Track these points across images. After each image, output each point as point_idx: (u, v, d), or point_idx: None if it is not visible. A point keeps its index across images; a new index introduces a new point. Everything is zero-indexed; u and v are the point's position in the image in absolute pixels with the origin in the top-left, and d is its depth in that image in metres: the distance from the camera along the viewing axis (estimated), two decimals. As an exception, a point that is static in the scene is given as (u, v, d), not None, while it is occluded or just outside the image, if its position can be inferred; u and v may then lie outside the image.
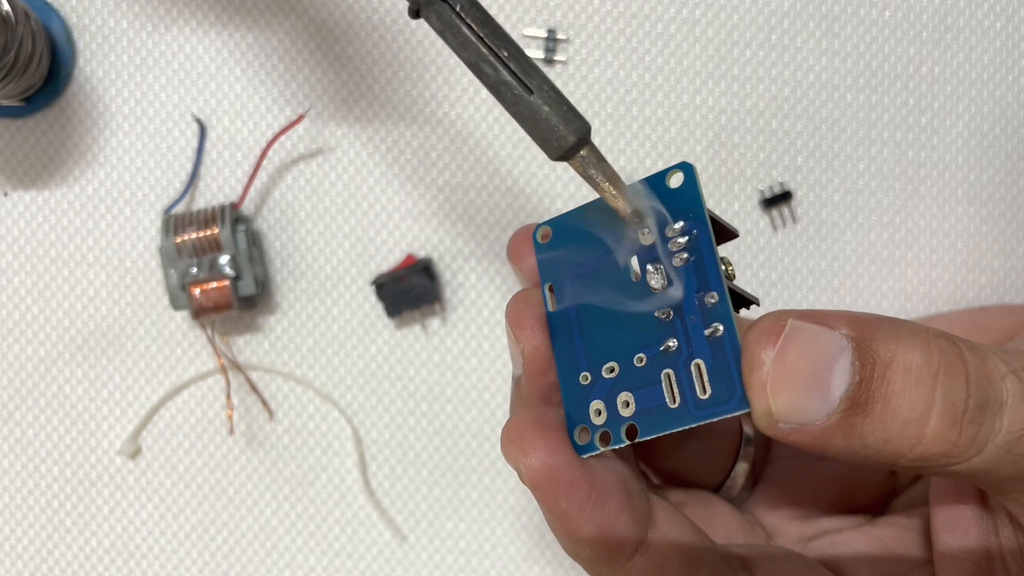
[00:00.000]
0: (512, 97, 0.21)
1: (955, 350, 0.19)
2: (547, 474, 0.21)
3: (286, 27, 0.39)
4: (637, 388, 0.22)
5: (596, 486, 0.21)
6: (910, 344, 0.19)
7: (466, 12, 0.21)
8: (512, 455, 0.22)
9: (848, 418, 0.19)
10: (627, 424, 0.22)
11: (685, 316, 0.21)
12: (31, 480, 0.40)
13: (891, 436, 0.19)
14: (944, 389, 0.19)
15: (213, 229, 0.37)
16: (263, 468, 0.40)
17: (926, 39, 0.39)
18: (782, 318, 0.19)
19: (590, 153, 0.22)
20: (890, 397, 0.19)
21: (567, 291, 0.24)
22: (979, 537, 0.23)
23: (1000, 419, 0.19)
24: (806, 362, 0.19)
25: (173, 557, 0.40)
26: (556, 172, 0.39)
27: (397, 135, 0.39)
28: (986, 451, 0.19)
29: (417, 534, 0.40)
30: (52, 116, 0.39)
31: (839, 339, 0.19)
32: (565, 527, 0.21)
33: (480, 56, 0.21)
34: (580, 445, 0.22)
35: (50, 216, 0.40)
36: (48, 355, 0.40)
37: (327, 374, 0.40)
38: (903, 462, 0.19)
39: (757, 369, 0.19)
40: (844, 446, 0.19)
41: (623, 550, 0.21)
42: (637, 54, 0.39)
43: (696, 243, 0.22)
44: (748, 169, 0.39)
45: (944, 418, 0.19)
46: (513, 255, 0.26)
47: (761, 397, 0.19)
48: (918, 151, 0.39)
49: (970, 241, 0.39)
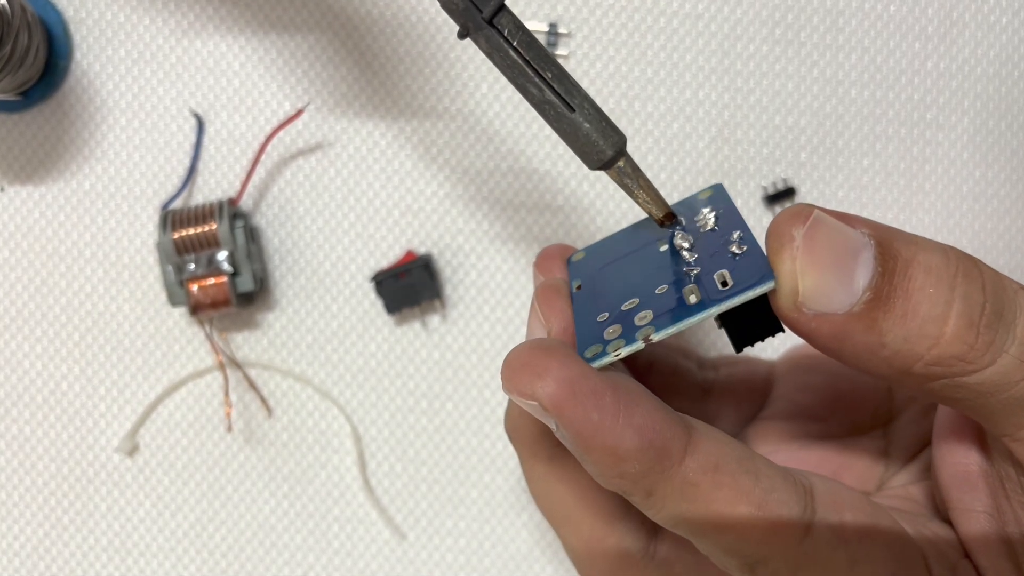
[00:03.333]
0: (555, 115, 0.22)
1: (971, 260, 0.20)
2: (568, 389, 0.19)
3: (285, 21, 0.39)
4: (657, 305, 0.21)
5: (620, 390, 0.20)
6: (929, 248, 0.20)
7: (513, 36, 0.22)
8: (524, 382, 0.20)
9: (870, 311, 0.19)
10: (643, 330, 0.21)
11: (711, 250, 0.22)
12: (28, 477, 0.40)
13: (911, 333, 0.19)
14: (963, 291, 0.19)
15: (211, 225, 0.37)
16: (261, 466, 0.40)
17: (931, 34, 0.39)
18: (808, 208, 0.20)
19: (626, 164, 0.23)
20: (911, 293, 0.19)
21: (594, 275, 0.25)
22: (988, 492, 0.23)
23: (1014, 330, 0.19)
24: (832, 249, 0.19)
25: (171, 555, 0.40)
26: (558, 168, 0.39)
27: (397, 130, 0.39)
28: (1001, 360, 0.19)
29: (417, 532, 0.40)
30: (49, 110, 0.39)
31: (861, 235, 0.20)
32: (603, 442, 0.19)
33: (526, 77, 0.22)
34: (591, 358, 0.21)
35: (47, 211, 0.40)
36: (45, 351, 0.40)
37: (326, 371, 0.40)
38: (919, 367, 0.19)
39: (788, 243, 0.19)
40: (864, 341, 0.19)
41: (672, 450, 0.20)
42: (639, 49, 0.39)
43: (720, 214, 0.23)
44: (751, 165, 0.39)
45: (962, 319, 0.19)
46: (542, 267, 0.26)
47: (790, 272, 0.19)
48: (923, 147, 0.39)
49: (975, 238, 0.39)
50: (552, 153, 0.39)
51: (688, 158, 0.39)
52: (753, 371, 0.31)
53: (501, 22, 0.22)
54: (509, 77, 0.23)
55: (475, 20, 0.22)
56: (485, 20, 0.22)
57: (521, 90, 0.23)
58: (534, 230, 0.39)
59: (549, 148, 0.39)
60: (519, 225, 0.39)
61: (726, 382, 0.30)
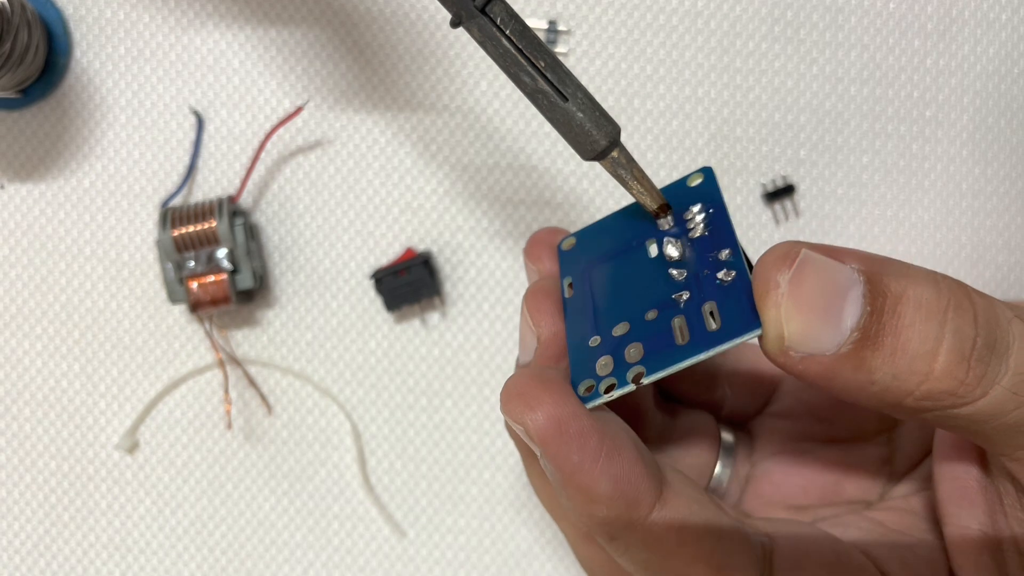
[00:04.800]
0: (548, 104, 0.22)
1: (964, 290, 0.20)
2: (556, 427, 0.20)
3: (284, 18, 0.39)
4: (647, 337, 0.22)
5: (606, 436, 0.21)
6: (920, 281, 0.19)
7: (506, 24, 0.22)
8: (516, 411, 0.21)
9: (858, 350, 0.19)
10: (634, 369, 0.21)
11: (699, 270, 0.22)
12: (28, 475, 0.40)
13: (900, 370, 0.19)
14: (953, 325, 0.19)
15: (211, 222, 0.37)
16: (261, 463, 0.40)
17: (931, 31, 0.38)
18: (796, 247, 0.20)
19: (620, 154, 0.23)
20: (900, 330, 0.19)
21: (585, 279, 0.24)
22: (986, 508, 0.23)
23: (1006, 361, 0.19)
24: (819, 290, 0.19)
25: (171, 552, 0.40)
26: (557, 166, 0.39)
27: (397, 127, 0.39)
28: (992, 392, 0.19)
29: (417, 530, 0.40)
30: (48, 108, 0.39)
31: (851, 272, 0.19)
32: (579, 482, 0.20)
33: (519, 66, 0.22)
34: (585, 397, 0.22)
35: (46, 209, 0.39)
36: (45, 349, 0.40)
37: (326, 368, 0.39)
38: (910, 401, 0.19)
39: (772, 290, 0.19)
40: (853, 379, 0.19)
41: (642, 503, 0.21)
42: (639, 46, 0.39)
43: (711, 218, 0.23)
44: (751, 162, 0.39)
45: (953, 354, 0.19)
46: (532, 255, 0.26)
47: (775, 319, 0.19)
48: (922, 144, 0.39)
49: (975, 236, 0.39)
50: (552, 149, 0.39)
51: (687, 155, 0.39)
52: (761, 360, 0.31)
53: (493, 10, 0.22)
54: (502, 66, 0.22)
55: (468, 8, 0.22)
56: (477, 8, 0.22)
57: (514, 80, 0.22)
58: (534, 227, 0.39)
59: (549, 144, 0.39)
60: (519, 222, 0.39)
61: (733, 369, 0.30)
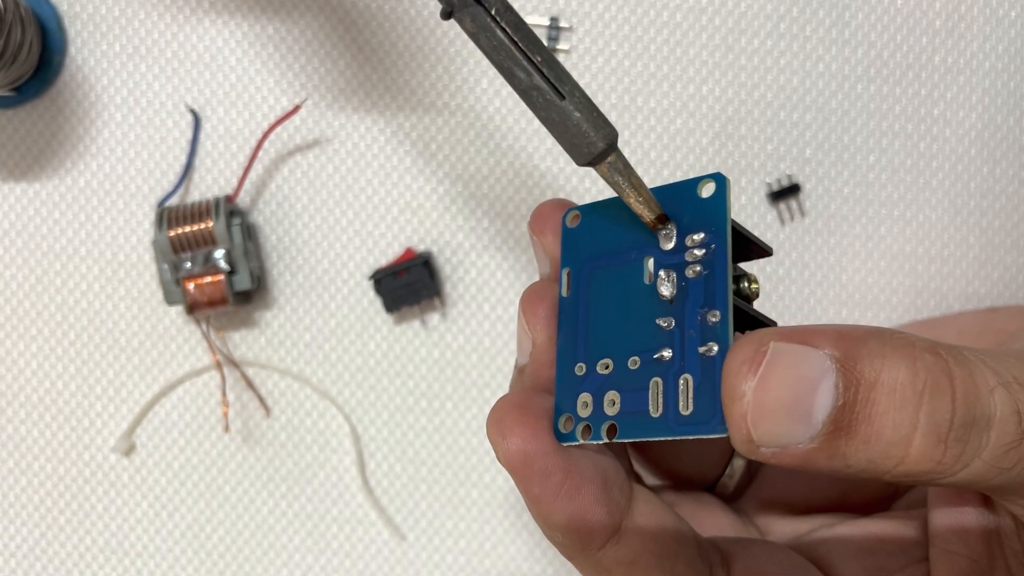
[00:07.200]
0: (544, 102, 0.21)
1: (942, 366, 0.19)
2: (522, 460, 0.22)
3: (282, 15, 0.38)
4: (625, 390, 0.22)
5: (571, 475, 0.22)
6: (896, 362, 0.19)
7: (500, 16, 0.21)
8: (492, 436, 0.22)
9: (831, 440, 0.19)
10: (609, 423, 0.22)
11: (685, 329, 0.21)
12: (24, 477, 0.40)
13: (875, 456, 0.19)
14: (929, 409, 0.18)
15: (207, 222, 0.36)
16: (259, 466, 0.39)
17: (939, 28, 0.38)
18: (764, 342, 0.19)
19: (617, 159, 0.22)
20: (874, 419, 0.18)
21: (583, 279, 0.24)
22: (979, 534, 0.23)
23: (988, 434, 0.19)
24: (788, 389, 0.19)
25: (168, 555, 0.40)
26: (559, 165, 0.39)
27: (396, 126, 0.39)
28: (973, 465, 0.19)
29: (416, 533, 0.39)
30: (43, 106, 0.39)
31: (823, 360, 0.19)
32: (538, 511, 0.22)
33: (513, 60, 0.21)
34: (563, 433, 0.23)
35: (41, 209, 0.39)
36: (40, 350, 0.39)
37: (324, 370, 0.39)
38: (888, 478, 0.19)
39: (737, 401, 0.19)
40: (827, 466, 0.19)
41: (594, 539, 0.22)
42: (642, 43, 0.38)
43: (712, 258, 0.21)
44: (755, 161, 0.38)
45: (928, 438, 0.19)
46: (536, 227, 0.26)
47: (741, 427, 0.19)
48: (929, 143, 0.38)
49: (982, 236, 0.38)
50: (553, 150, 0.38)
51: (691, 154, 0.38)
52: None
53: (488, 0, 0.21)
54: (495, 61, 0.21)
55: None
56: None
57: (507, 75, 0.21)
58: (535, 227, 0.39)
59: (550, 144, 0.38)
60: (520, 223, 0.39)
61: None
